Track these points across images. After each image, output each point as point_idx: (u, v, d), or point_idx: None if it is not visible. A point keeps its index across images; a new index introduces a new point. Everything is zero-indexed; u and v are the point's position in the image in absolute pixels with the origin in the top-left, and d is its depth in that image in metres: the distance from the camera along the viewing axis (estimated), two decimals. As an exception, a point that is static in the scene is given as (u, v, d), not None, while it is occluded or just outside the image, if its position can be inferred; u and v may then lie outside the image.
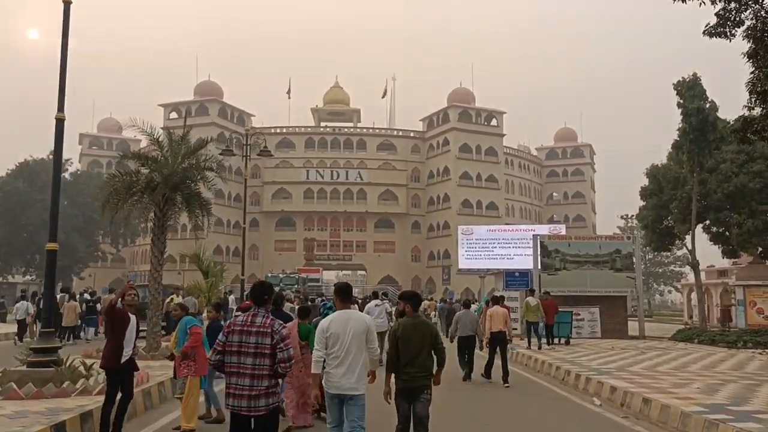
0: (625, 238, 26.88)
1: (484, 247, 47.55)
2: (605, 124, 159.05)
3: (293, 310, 12.75)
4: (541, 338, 17.70)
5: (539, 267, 22.87)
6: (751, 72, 11.30)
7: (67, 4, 9.82)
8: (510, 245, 46.06)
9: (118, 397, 6.94)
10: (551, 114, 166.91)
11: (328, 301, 18.83)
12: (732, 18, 11.45)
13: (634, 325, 23.56)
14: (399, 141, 76.91)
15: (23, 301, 20.96)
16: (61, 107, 9.48)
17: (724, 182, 23.62)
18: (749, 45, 11.29)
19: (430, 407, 5.62)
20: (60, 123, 9.51)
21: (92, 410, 7.53)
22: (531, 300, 17.61)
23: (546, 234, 32.22)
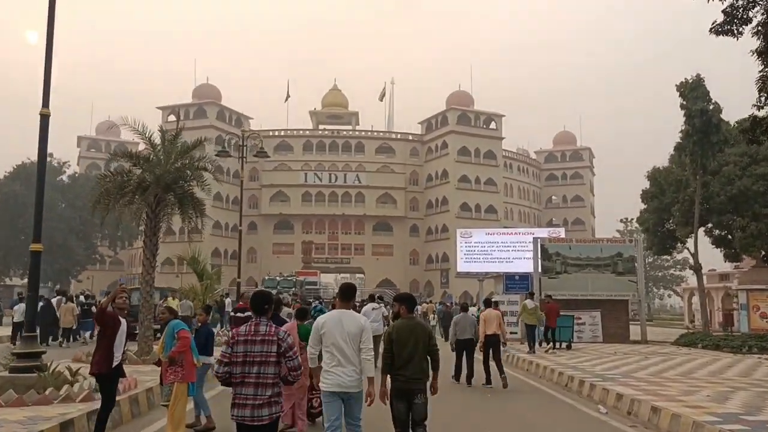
0: (627, 242, 26.49)
1: (483, 250, 47.11)
2: (604, 126, 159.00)
3: (290, 315, 12.51)
4: (535, 341, 17.31)
5: (540, 270, 22.52)
6: (760, 70, 11.03)
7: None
8: (509, 248, 45.65)
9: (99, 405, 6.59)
10: (550, 117, 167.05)
11: (320, 304, 19.28)
12: (740, 15, 11.19)
13: (635, 329, 23.20)
14: (397, 144, 76.66)
15: (21, 304, 20.70)
16: (46, 103, 9.17)
17: (727, 185, 23.37)
18: (759, 42, 11.00)
19: (429, 411, 5.53)
20: (45, 119, 9.17)
21: (74, 419, 7.17)
22: (529, 303, 17.36)
23: (546, 237, 31.86)
